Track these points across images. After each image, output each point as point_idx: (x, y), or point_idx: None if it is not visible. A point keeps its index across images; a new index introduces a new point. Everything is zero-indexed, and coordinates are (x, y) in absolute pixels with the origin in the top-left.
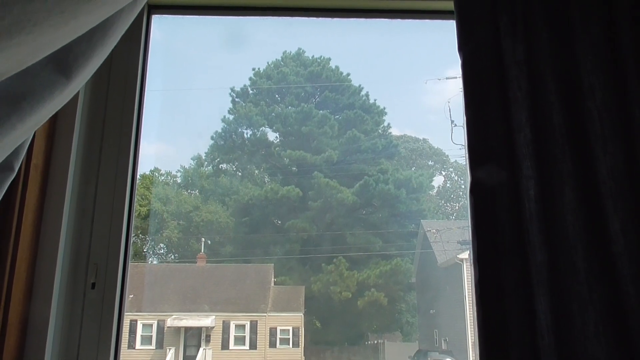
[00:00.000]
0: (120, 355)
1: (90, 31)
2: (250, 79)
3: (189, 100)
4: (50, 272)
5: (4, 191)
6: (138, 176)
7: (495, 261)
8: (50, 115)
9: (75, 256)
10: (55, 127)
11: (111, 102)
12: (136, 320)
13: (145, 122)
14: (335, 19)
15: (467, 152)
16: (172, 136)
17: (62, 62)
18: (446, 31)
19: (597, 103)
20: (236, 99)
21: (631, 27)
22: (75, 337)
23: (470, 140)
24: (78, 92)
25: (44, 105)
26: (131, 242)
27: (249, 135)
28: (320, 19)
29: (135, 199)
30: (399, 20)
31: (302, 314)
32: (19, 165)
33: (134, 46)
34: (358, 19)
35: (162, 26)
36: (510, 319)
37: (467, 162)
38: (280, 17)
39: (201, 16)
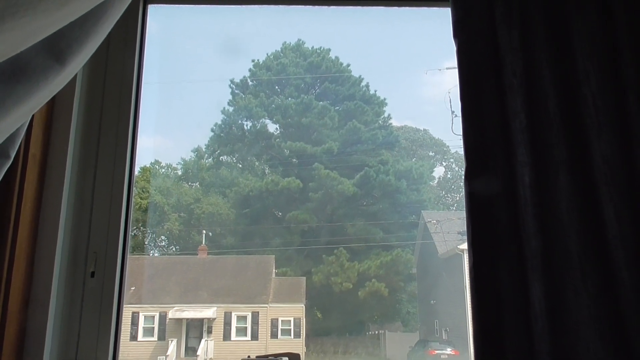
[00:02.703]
0: (121, 345)
1: (83, 17)
2: (249, 70)
3: (189, 92)
4: (49, 261)
5: (0, 178)
6: (138, 168)
7: (490, 247)
8: (45, 101)
9: (74, 245)
10: (53, 117)
11: (108, 92)
12: (138, 312)
13: (144, 114)
14: (333, 7)
15: (462, 139)
16: (172, 128)
17: (55, 48)
18: (444, 20)
19: (592, 89)
20: (236, 91)
21: (626, 13)
22: (75, 326)
23: (466, 128)
24: (75, 82)
25: (38, 91)
26: (130, 230)
27: (249, 127)
28: (317, 7)
29: (134, 189)
30: (396, 8)
31: (303, 305)
32: (14, 152)
33: (130, 37)
34: (355, 7)
35: (158, 18)
36: (504, 304)
37: (463, 149)
38: (278, 6)
39: (197, 5)
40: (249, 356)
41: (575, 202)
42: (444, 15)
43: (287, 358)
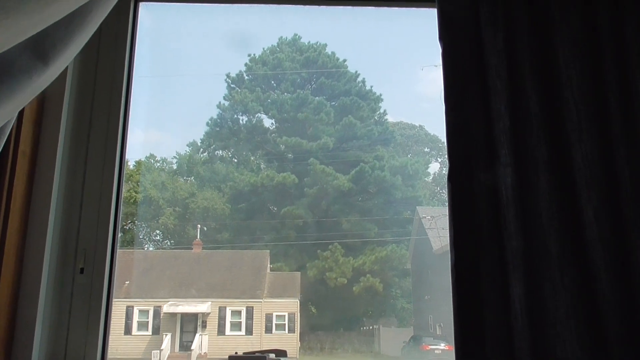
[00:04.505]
0: (115, 339)
1: (68, 17)
2: (245, 64)
3: (184, 86)
4: (39, 257)
5: None
6: (133, 162)
7: (472, 246)
8: (30, 100)
9: (64, 242)
10: (43, 114)
11: (99, 89)
12: (132, 306)
13: (140, 109)
14: (323, 7)
15: (446, 140)
16: (167, 123)
17: (39, 48)
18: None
19: (574, 92)
20: (231, 85)
21: (609, 19)
22: (64, 322)
23: (449, 129)
24: (65, 79)
25: (21, 90)
26: (119, 227)
27: (244, 122)
28: (307, 6)
29: (129, 183)
30: (385, 8)
31: (297, 300)
32: (0, 149)
33: (121, 34)
34: (346, 6)
35: (152, 12)
36: (485, 302)
37: (446, 150)
38: (271, 5)
39: (188, 4)
40: (236, 352)
41: (555, 203)
42: (433, 13)
43: (273, 355)
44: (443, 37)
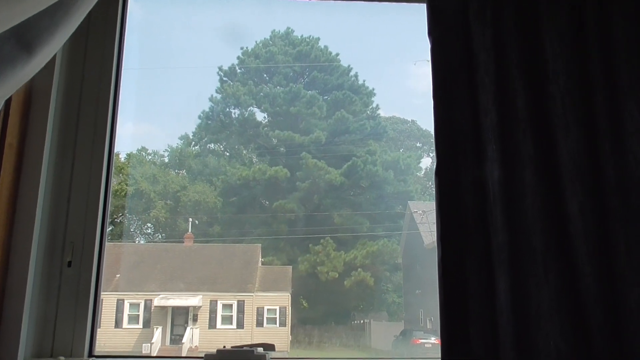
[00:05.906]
0: (105, 333)
1: (53, 7)
2: (238, 57)
3: (176, 79)
4: (25, 250)
5: None
6: (125, 155)
7: (458, 241)
8: (15, 90)
9: (51, 235)
10: (30, 105)
11: (87, 80)
12: (123, 300)
13: (131, 101)
14: (314, 1)
15: (434, 135)
16: (159, 115)
17: (23, 38)
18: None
19: (561, 87)
20: (224, 78)
21: (596, 15)
22: (51, 316)
23: (437, 124)
24: (53, 70)
25: (5, 80)
26: (107, 220)
27: (236, 115)
28: (301, 0)
29: (120, 176)
30: (377, 3)
31: (289, 294)
32: None
33: (110, 23)
34: (337, 1)
35: (144, 3)
36: (471, 297)
37: (434, 145)
38: None
39: None
40: (224, 346)
41: (540, 198)
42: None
43: (262, 348)
44: (432, 33)
